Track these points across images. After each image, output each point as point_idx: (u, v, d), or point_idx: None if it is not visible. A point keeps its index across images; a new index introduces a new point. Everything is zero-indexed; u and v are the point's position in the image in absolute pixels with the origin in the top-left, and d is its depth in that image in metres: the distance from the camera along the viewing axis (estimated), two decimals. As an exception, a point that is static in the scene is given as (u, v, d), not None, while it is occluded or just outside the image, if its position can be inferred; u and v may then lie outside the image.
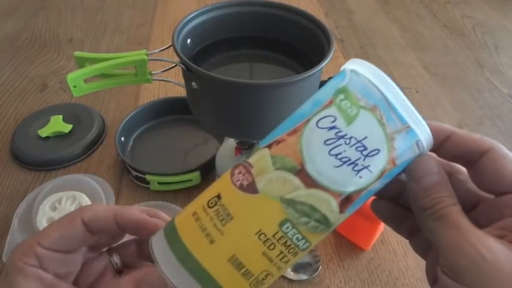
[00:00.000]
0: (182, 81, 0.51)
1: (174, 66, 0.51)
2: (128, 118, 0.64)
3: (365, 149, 0.22)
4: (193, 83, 0.46)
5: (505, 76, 0.86)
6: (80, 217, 0.27)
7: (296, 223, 0.22)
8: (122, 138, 0.63)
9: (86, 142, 0.65)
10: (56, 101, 0.75)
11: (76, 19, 1.00)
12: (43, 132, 0.65)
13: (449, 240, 0.22)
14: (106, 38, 0.93)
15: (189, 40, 0.52)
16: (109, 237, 0.30)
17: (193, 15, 0.51)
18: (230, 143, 0.62)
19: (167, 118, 0.68)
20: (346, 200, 0.23)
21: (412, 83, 0.82)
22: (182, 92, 0.54)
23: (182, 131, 0.67)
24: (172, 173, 0.56)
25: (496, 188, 0.24)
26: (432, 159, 0.24)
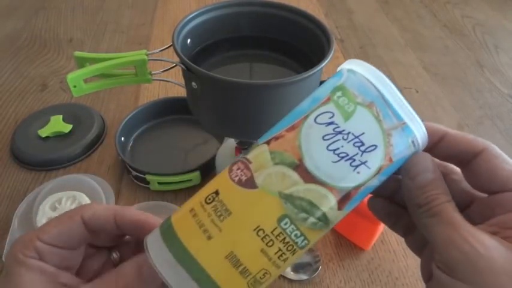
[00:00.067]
0: (182, 81, 0.51)
1: (174, 66, 0.51)
2: (128, 118, 0.64)
3: (362, 145, 0.23)
4: (193, 83, 0.46)
5: (505, 76, 0.86)
6: (80, 215, 0.27)
7: (295, 219, 0.22)
8: (122, 138, 0.63)
9: (86, 142, 0.65)
10: (56, 101, 0.75)
11: (76, 19, 1.00)
12: (43, 132, 0.65)
13: (443, 236, 0.22)
14: (106, 38, 0.93)
15: (189, 40, 0.52)
16: (108, 237, 0.30)
17: (193, 15, 0.51)
18: (230, 143, 0.62)
19: (167, 118, 0.68)
20: (344, 196, 0.23)
21: (412, 83, 0.82)
22: (182, 92, 0.54)
23: (182, 131, 0.67)
24: (172, 173, 0.56)
25: (490, 187, 0.24)
26: (427, 157, 0.24)
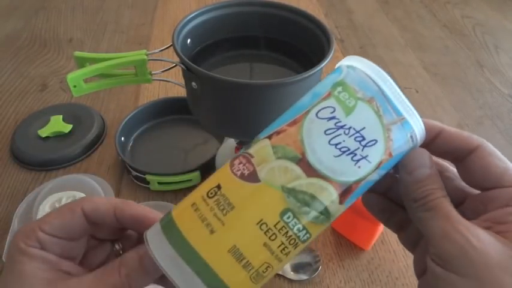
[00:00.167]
0: (182, 81, 0.51)
1: (174, 66, 0.51)
2: (128, 118, 0.64)
3: (363, 139, 0.23)
4: (193, 83, 0.46)
5: (505, 76, 0.86)
6: (80, 207, 0.27)
7: (297, 212, 0.23)
8: (122, 138, 0.63)
9: (86, 142, 0.65)
10: (56, 101, 0.75)
11: (76, 19, 1.00)
12: (43, 132, 0.65)
13: (439, 229, 0.23)
14: (106, 38, 0.93)
15: (189, 40, 0.52)
16: (109, 229, 0.30)
17: (193, 15, 0.51)
18: (230, 143, 0.62)
19: (167, 118, 0.68)
20: (345, 190, 0.23)
21: (412, 83, 0.82)
22: (182, 92, 0.54)
23: (182, 131, 0.67)
24: (172, 173, 0.56)
25: (483, 184, 0.25)
26: (425, 153, 0.25)
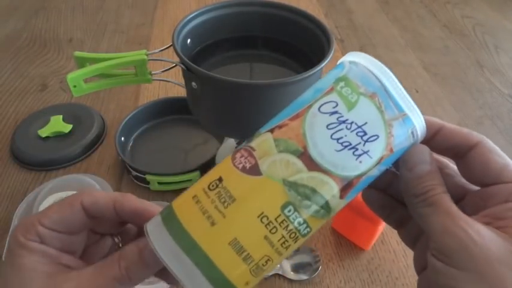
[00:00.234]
0: (182, 81, 0.51)
1: (174, 66, 0.51)
2: (128, 118, 0.64)
3: (365, 134, 0.23)
4: (193, 83, 0.46)
5: (505, 76, 0.86)
6: (80, 201, 0.27)
7: (298, 206, 0.23)
8: (122, 138, 0.63)
9: (86, 142, 0.65)
10: (56, 101, 0.75)
11: (76, 19, 1.00)
12: (43, 132, 0.65)
13: (439, 224, 0.23)
14: (106, 38, 0.93)
15: (189, 40, 0.52)
16: (109, 223, 0.30)
17: (193, 15, 0.51)
18: (230, 143, 0.62)
19: (167, 118, 0.68)
20: (346, 185, 0.23)
21: (412, 83, 0.82)
22: (182, 92, 0.54)
23: (182, 131, 0.67)
24: (172, 173, 0.56)
25: (483, 180, 0.25)
26: (425, 149, 0.25)
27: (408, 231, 0.29)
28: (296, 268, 0.49)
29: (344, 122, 0.23)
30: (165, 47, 0.51)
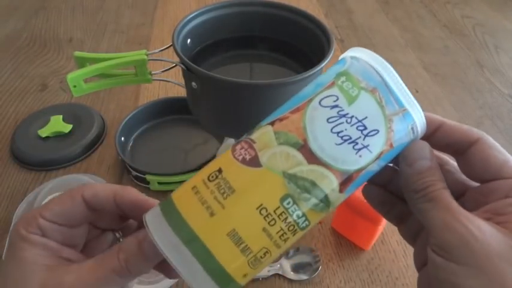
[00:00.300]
0: (182, 81, 0.51)
1: (174, 66, 0.51)
2: (128, 118, 0.64)
3: (365, 129, 0.23)
4: (193, 83, 0.46)
5: (505, 76, 0.86)
6: (81, 194, 0.27)
7: (297, 199, 0.23)
8: (122, 138, 0.63)
9: (86, 142, 0.65)
10: (56, 101, 0.75)
11: (76, 19, 1.00)
12: (43, 132, 0.65)
13: (440, 220, 0.23)
14: (106, 38, 0.93)
15: (189, 40, 0.52)
16: (110, 217, 0.30)
17: (193, 15, 0.51)
18: (230, 143, 0.62)
19: (167, 118, 0.68)
20: (346, 179, 0.23)
21: (412, 83, 0.82)
22: (182, 92, 0.54)
23: (182, 131, 0.67)
24: (172, 173, 0.56)
25: (483, 176, 0.25)
26: (425, 145, 0.25)
27: (408, 227, 0.29)
28: (296, 268, 0.49)
29: (344, 116, 0.23)
30: (165, 47, 0.51)
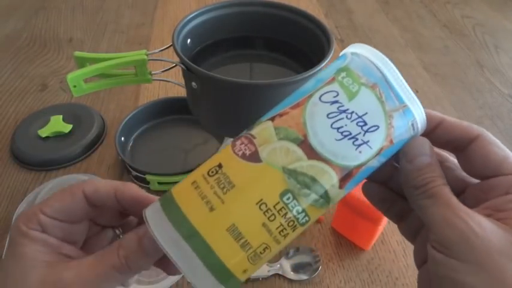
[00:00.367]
0: (182, 81, 0.51)
1: (174, 66, 0.51)
2: (128, 118, 0.64)
3: (365, 125, 0.23)
4: (193, 83, 0.47)
5: (505, 76, 0.86)
6: (81, 189, 0.27)
7: (297, 194, 0.23)
8: (122, 138, 0.63)
9: (86, 142, 0.65)
10: (56, 101, 0.75)
11: (76, 19, 1.00)
12: (43, 132, 0.65)
13: (440, 216, 0.23)
14: (106, 38, 0.93)
15: (189, 40, 0.52)
16: (110, 213, 0.30)
17: (193, 15, 0.51)
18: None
19: (167, 118, 0.68)
20: (346, 175, 0.23)
21: (412, 83, 0.82)
22: (182, 92, 0.54)
23: (182, 131, 0.67)
24: (172, 173, 0.56)
25: (483, 172, 0.25)
26: (425, 141, 0.25)
27: (408, 225, 0.29)
28: (296, 268, 0.49)
29: (344, 112, 0.23)
30: (165, 47, 0.51)
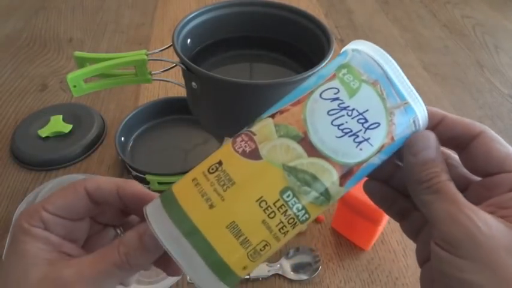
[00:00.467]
0: (182, 81, 0.51)
1: (174, 66, 0.51)
2: (128, 118, 0.64)
3: (366, 122, 0.23)
4: (193, 83, 0.47)
5: (505, 76, 0.86)
6: (83, 186, 0.27)
7: (297, 192, 0.22)
8: (122, 138, 0.63)
9: (86, 142, 0.65)
10: (56, 101, 0.75)
11: (76, 19, 1.00)
12: (43, 132, 0.65)
13: (445, 212, 0.22)
14: (106, 38, 0.93)
15: (189, 40, 0.52)
16: (112, 211, 0.30)
17: (193, 15, 0.51)
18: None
19: (167, 118, 0.68)
20: (346, 172, 0.23)
21: (412, 83, 0.82)
22: (182, 92, 0.54)
23: (182, 131, 0.67)
24: (172, 173, 0.56)
25: (486, 169, 0.25)
26: (431, 135, 0.25)
27: (410, 223, 0.29)
28: (296, 268, 0.49)
29: (345, 109, 0.23)
30: (165, 47, 0.51)
